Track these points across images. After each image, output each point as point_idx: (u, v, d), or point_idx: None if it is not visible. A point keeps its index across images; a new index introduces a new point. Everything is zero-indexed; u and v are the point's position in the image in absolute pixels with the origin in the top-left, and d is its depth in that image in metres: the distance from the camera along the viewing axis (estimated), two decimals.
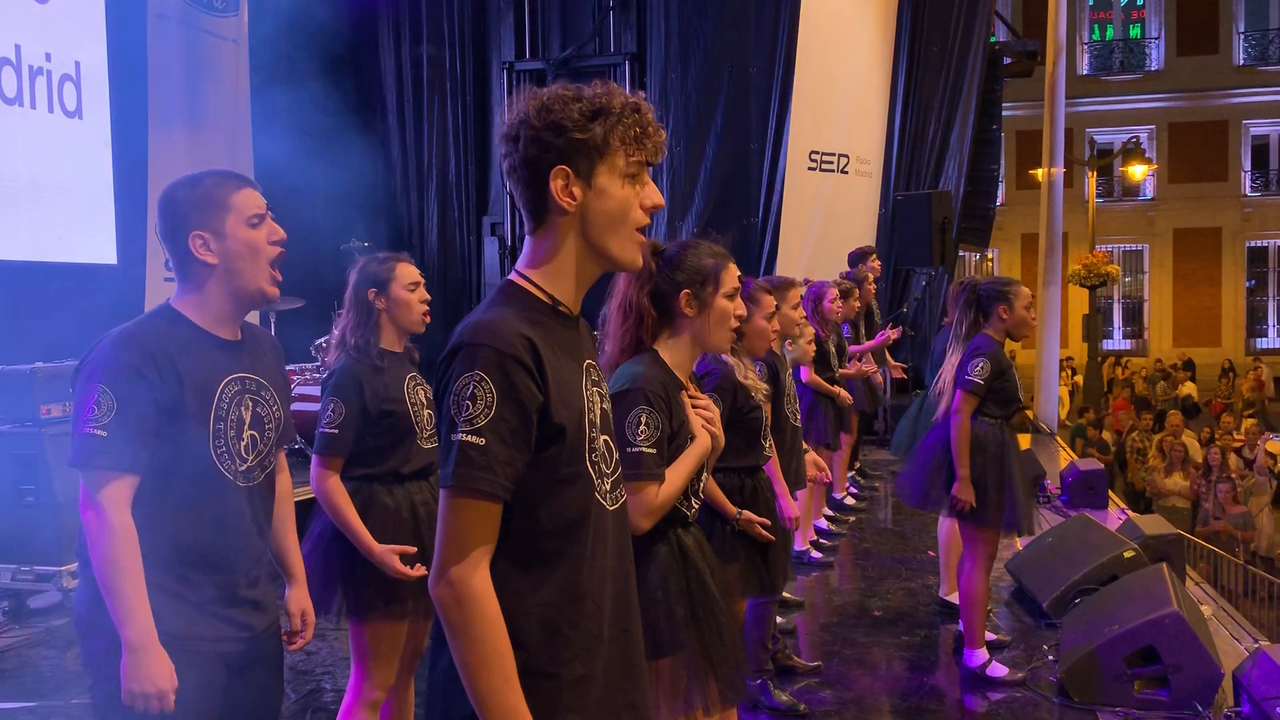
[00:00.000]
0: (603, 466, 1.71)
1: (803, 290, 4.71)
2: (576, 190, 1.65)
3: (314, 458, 3.01)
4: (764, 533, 3.11)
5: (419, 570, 2.97)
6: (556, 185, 1.64)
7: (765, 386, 3.47)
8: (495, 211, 12.04)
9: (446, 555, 1.57)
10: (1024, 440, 9.58)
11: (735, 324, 2.60)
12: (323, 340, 8.09)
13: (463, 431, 1.56)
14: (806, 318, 5.26)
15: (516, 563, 1.62)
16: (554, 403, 1.60)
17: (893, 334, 7.49)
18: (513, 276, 1.72)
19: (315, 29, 9.84)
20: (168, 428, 2.10)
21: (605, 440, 1.73)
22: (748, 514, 3.07)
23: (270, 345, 2.39)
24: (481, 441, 1.55)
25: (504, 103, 11.64)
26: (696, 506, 2.51)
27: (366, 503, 3.06)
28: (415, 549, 3.02)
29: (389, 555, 2.96)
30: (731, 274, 2.60)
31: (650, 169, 1.73)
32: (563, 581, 1.63)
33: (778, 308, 3.58)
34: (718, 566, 2.55)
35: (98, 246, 7.88)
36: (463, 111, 11.86)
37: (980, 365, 4.36)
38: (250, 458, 2.23)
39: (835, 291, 6.14)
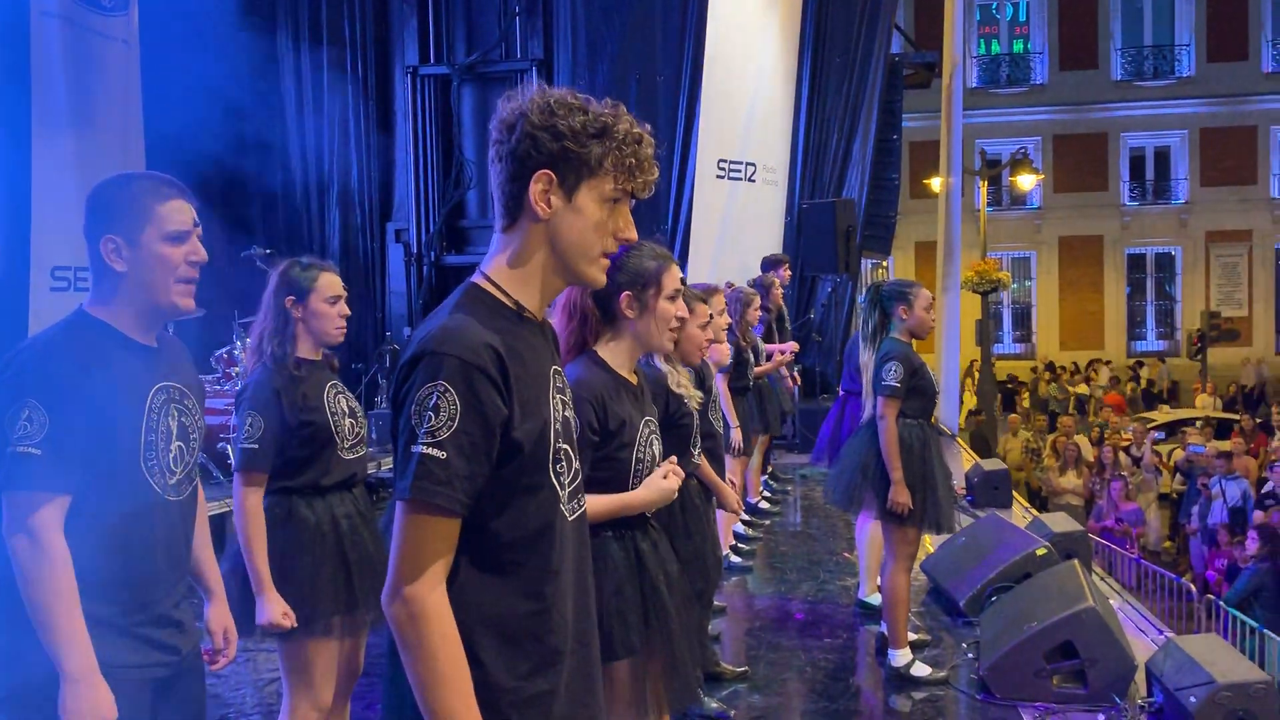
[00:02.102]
0: (564, 477, 1.67)
1: (724, 296, 4.72)
2: (554, 199, 1.62)
3: (236, 475, 2.89)
4: None
5: (289, 619, 2.85)
6: (536, 188, 1.60)
7: (699, 395, 3.45)
8: (400, 218, 11.83)
9: (401, 570, 1.52)
10: None
11: (676, 325, 2.60)
12: (223, 351, 7.82)
13: (424, 443, 1.51)
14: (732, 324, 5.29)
15: (475, 575, 1.57)
16: (516, 417, 1.56)
17: (790, 349, 7.58)
18: (477, 279, 1.67)
19: (209, 28, 9.51)
20: (99, 442, 1.98)
21: (567, 449, 1.69)
22: None
23: (184, 353, 2.29)
24: (443, 455, 1.50)
25: (408, 107, 11.45)
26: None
27: (285, 516, 2.95)
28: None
29: (276, 608, 2.83)
30: (673, 276, 2.60)
31: (633, 201, 1.69)
32: (523, 594, 1.59)
33: (710, 315, 3.58)
34: (675, 573, 2.52)
35: None
36: (365, 115, 11.61)
37: (893, 369, 4.43)
38: (179, 470, 2.14)
39: (758, 298, 6.21)
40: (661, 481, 2.42)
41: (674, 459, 2.52)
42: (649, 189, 1.69)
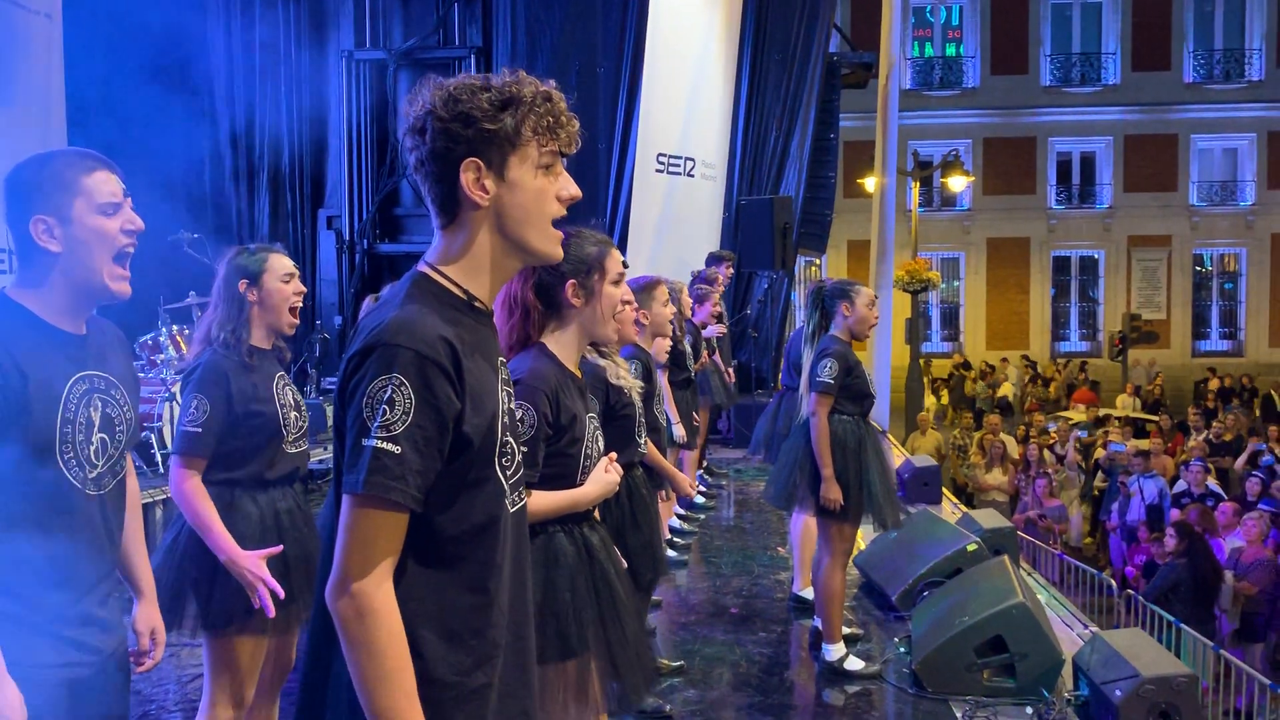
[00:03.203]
0: (509, 470, 1.65)
1: (666, 288, 4.71)
2: (488, 183, 1.59)
3: (174, 458, 2.82)
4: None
5: (273, 587, 2.76)
6: (467, 178, 1.58)
7: (639, 384, 3.44)
8: (332, 204, 11.60)
9: (349, 566, 1.48)
10: None
11: (622, 310, 2.59)
12: (147, 338, 7.60)
13: (377, 437, 1.47)
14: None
15: (418, 570, 1.55)
16: (468, 411, 1.54)
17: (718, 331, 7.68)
18: (424, 269, 1.63)
19: (135, 5, 9.23)
20: (9, 431, 1.88)
21: (511, 442, 1.68)
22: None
23: (118, 341, 2.19)
24: (398, 450, 1.47)
25: (342, 92, 11.24)
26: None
27: (227, 509, 2.86)
28: (279, 548, 2.83)
29: (257, 565, 2.74)
30: (615, 260, 2.60)
31: (564, 160, 1.67)
32: (466, 587, 1.57)
33: (640, 301, 3.60)
34: (620, 566, 2.51)
35: None
36: (298, 100, 11.36)
37: (829, 366, 4.45)
38: (101, 463, 2.04)
39: (685, 289, 6.23)
40: (605, 476, 2.42)
41: (613, 455, 2.50)
42: (575, 141, 1.66)
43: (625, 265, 2.63)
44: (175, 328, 7.48)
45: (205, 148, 11.33)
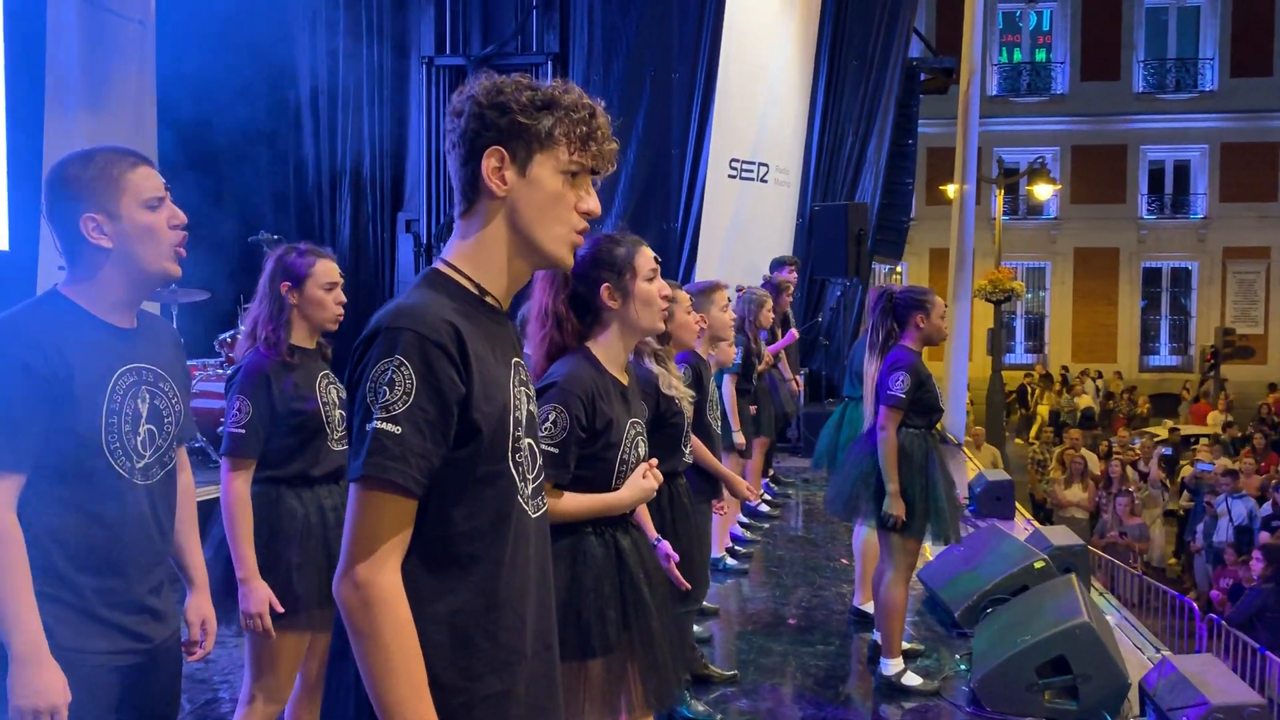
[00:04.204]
0: (525, 470, 1.62)
1: (729, 293, 4.67)
2: (508, 175, 1.59)
3: (223, 460, 2.86)
4: (677, 574, 2.86)
5: (266, 627, 2.80)
6: (488, 164, 1.58)
7: (691, 393, 3.43)
8: (410, 208, 11.82)
9: (353, 553, 1.46)
10: None
11: (664, 305, 2.60)
12: (227, 335, 7.82)
13: (378, 419, 1.46)
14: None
15: (427, 566, 1.52)
16: (476, 398, 1.51)
17: (791, 336, 7.65)
18: (438, 264, 1.64)
19: (226, 13, 9.52)
20: (56, 422, 1.94)
21: (530, 443, 1.64)
22: (665, 547, 2.92)
23: (169, 335, 2.24)
24: (397, 430, 1.45)
25: (422, 98, 11.43)
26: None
27: (272, 506, 2.92)
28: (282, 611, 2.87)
29: (262, 600, 2.79)
30: (646, 257, 2.59)
31: (595, 178, 1.66)
32: (478, 588, 1.54)
33: (698, 305, 3.57)
34: (657, 571, 2.50)
35: None
36: (380, 105, 11.61)
37: (901, 379, 4.36)
38: (148, 453, 2.08)
39: (770, 300, 6.20)
40: (642, 481, 2.41)
41: (654, 460, 2.49)
42: (609, 161, 1.65)
43: (658, 261, 2.62)
44: (244, 326, 7.66)
45: (289, 150, 11.65)
